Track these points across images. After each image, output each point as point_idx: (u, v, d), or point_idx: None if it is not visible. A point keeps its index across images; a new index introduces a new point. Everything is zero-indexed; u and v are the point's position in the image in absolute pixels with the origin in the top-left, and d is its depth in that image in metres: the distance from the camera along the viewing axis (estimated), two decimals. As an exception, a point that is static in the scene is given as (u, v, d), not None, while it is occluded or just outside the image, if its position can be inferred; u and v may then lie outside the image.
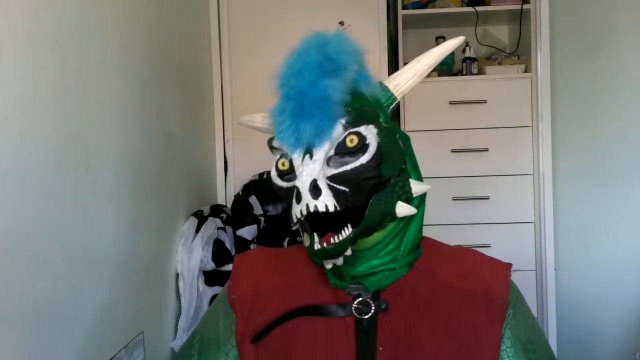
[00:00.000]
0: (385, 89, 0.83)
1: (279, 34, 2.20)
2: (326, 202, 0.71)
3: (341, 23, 2.21)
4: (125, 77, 1.30)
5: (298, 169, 0.75)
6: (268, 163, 0.82)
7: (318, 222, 0.73)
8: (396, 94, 0.84)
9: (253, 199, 1.90)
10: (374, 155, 0.75)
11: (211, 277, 1.65)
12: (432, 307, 0.81)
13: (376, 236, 0.80)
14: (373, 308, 0.80)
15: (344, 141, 0.76)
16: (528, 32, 2.25)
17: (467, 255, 0.89)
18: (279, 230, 1.82)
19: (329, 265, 0.77)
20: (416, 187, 0.82)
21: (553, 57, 2.27)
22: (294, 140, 0.75)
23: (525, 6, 2.23)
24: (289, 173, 0.78)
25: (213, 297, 1.63)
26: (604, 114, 2.40)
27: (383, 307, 0.80)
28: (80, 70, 1.07)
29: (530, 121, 2.22)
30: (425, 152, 2.12)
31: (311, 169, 0.73)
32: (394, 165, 0.79)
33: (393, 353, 0.78)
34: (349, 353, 0.78)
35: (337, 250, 0.73)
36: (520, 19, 2.26)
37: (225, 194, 2.20)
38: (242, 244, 1.77)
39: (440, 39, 2.37)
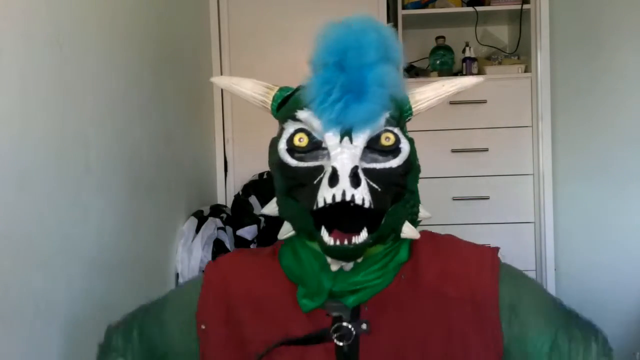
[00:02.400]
0: (407, 100, 0.76)
1: (279, 33, 2.21)
2: (364, 195, 0.63)
3: (341, 23, 2.20)
4: (125, 76, 1.30)
5: (334, 149, 0.67)
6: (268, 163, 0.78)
7: (336, 214, 0.65)
8: (413, 110, 0.77)
9: (253, 199, 1.90)
10: (405, 162, 0.70)
11: (211, 277, 1.65)
12: (418, 319, 0.73)
13: (374, 249, 0.72)
14: (353, 332, 0.72)
15: (378, 137, 0.69)
16: (528, 32, 2.25)
17: (452, 250, 0.80)
18: (278, 230, 1.81)
19: (335, 267, 0.70)
20: (422, 212, 0.77)
21: (553, 57, 2.27)
22: (336, 116, 0.66)
23: (525, 6, 2.23)
24: (305, 152, 0.70)
25: (213, 297, 1.63)
26: (604, 113, 2.39)
27: (364, 328, 0.72)
28: (80, 70, 1.07)
29: (530, 121, 2.22)
30: (425, 152, 2.08)
31: (353, 154, 0.66)
32: (415, 179, 0.74)
33: None
34: None
35: (357, 252, 0.66)
36: (520, 19, 2.26)
37: (225, 194, 2.20)
38: (242, 244, 1.77)
39: (440, 39, 2.37)
